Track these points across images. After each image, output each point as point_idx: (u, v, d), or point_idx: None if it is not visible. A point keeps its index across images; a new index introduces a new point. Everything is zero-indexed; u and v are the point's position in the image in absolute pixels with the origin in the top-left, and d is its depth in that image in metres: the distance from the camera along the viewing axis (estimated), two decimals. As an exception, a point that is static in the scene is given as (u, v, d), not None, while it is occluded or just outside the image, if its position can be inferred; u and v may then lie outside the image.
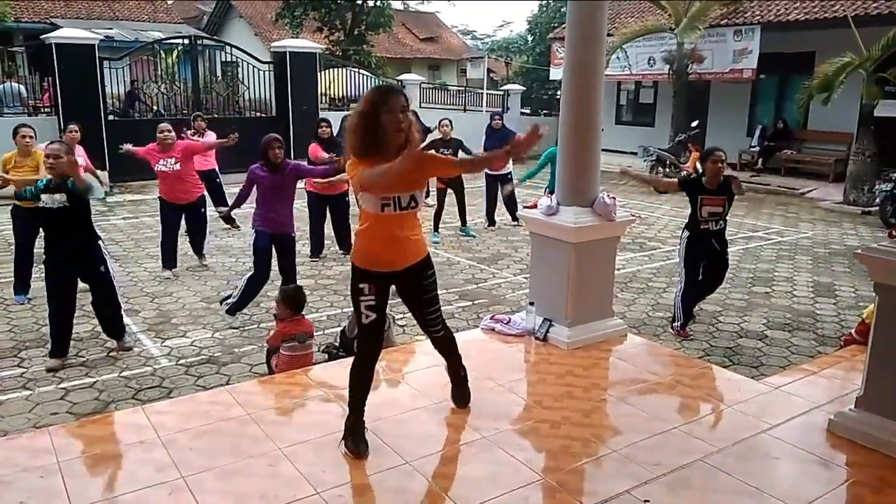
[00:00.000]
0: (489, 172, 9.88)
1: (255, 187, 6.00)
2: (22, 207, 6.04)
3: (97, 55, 12.89)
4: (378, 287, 3.17)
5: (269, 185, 5.88)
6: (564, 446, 3.34)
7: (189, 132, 9.31)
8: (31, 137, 6.39)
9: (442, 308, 3.54)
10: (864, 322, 4.93)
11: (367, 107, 2.96)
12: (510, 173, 10.02)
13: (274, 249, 6.04)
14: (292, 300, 4.86)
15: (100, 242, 5.24)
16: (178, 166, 7.23)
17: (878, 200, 11.19)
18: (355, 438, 3.23)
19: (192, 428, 3.45)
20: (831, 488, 3.04)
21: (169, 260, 7.51)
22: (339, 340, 5.02)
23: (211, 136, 9.26)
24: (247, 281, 6.01)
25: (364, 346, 3.29)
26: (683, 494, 2.96)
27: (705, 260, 5.77)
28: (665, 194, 13.80)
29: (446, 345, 3.58)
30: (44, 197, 4.88)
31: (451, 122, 9.50)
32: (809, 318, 6.42)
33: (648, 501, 2.88)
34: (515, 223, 10.04)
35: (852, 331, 5.24)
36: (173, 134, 7.31)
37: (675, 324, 5.87)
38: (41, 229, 5.17)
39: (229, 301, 6.07)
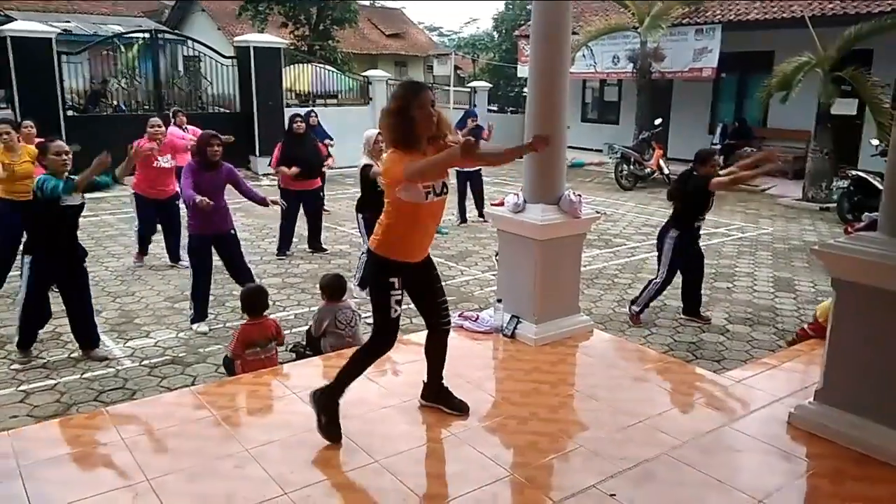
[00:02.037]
0: (459, 169, 9.90)
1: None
2: (18, 204, 5.90)
3: (55, 49, 12.57)
4: (404, 280, 3.28)
5: (204, 185, 5.62)
6: (532, 442, 3.37)
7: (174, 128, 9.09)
8: (7, 134, 6.22)
9: (410, 305, 3.54)
10: (817, 319, 5.06)
11: (399, 105, 3.12)
12: (480, 170, 10.06)
13: (217, 252, 5.86)
14: (245, 302, 4.71)
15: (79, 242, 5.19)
16: (173, 162, 7.24)
17: (835, 197, 11.47)
18: (330, 420, 3.28)
19: (157, 430, 3.40)
20: (792, 479, 3.12)
21: (143, 249, 7.60)
22: (305, 339, 4.98)
23: (194, 132, 9.14)
24: (192, 287, 5.86)
25: (387, 338, 3.31)
26: (649, 488, 3.01)
27: (688, 256, 5.97)
28: (630, 191, 14.01)
29: (445, 342, 3.57)
30: (68, 196, 4.76)
31: None
32: (770, 313, 6.56)
33: (615, 495, 2.93)
34: (482, 220, 10.07)
35: (805, 325, 5.38)
36: (163, 129, 7.23)
37: (635, 307, 6.04)
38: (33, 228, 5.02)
39: (191, 314, 5.92)
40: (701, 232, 6.05)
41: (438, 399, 3.65)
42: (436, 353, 3.60)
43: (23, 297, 4.98)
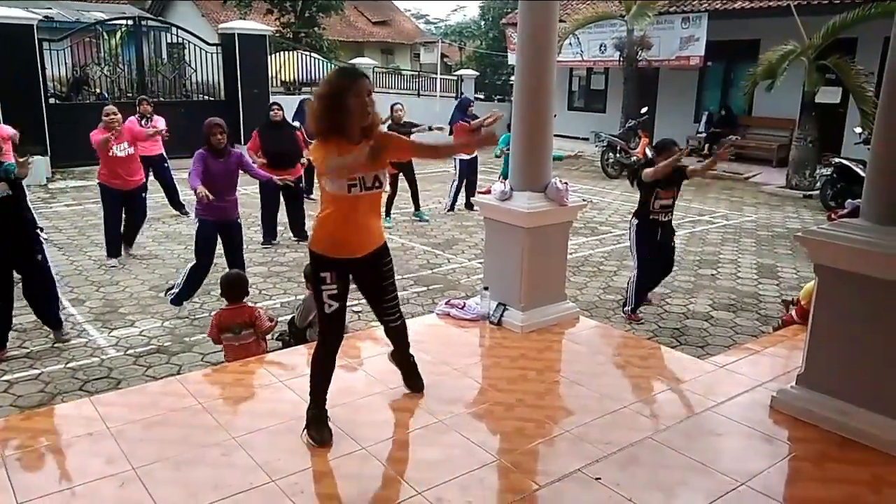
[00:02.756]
0: (461, 157, 9.91)
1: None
2: None
3: (36, 36, 12.39)
4: (340, 275, 3.16)
5: (213, 172, 5.74)
6: (518, 428, 3.39)
7: (136, 117, 8.97)
8: None
9: (399, 305, 3.55)
10: (800, 304, 5.11)
11: (333, 90, 2.97)
12: (476, 158, 10.11)
13: (220, 238, 5.93)
14: (225, 287, 4.69)
15: (38, 230, 5.07)
16: (131, 150, 7.09)
17: (818, 184, 11.57)
18: (318, 426, 3.21)
19: (143, 419, 3.39)
20: (774, 462, 3.16)
21: (114, 247, 7.31)
22: (289, 329, 4.97)
23: (159, 122, 9.01)
24: (189, 271, 5.87)
25: (327, 335, 3.26)
26: (633, 471, 3.04)
27: (654, 248, 5.87)
28: (616, 179, 14.06)
29: (399, 334, 3.58)
30: None
31: (403, 106, 9.47)
32: (753, 299, 6.62)
33: (600, 479, 2.95)
34: (469, 208, 10.08)
35: (791, 312, 5.42)
36: (119, 117, 7.08)
37: (626, 308, 5.99)
38: None
39: (173, 291, 5.93)
40: (663, 221, 5.76)
41: (401, 367, 3.69)
42: (393, 339, 3.62)
43: None
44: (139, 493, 2.80)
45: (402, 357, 3.68)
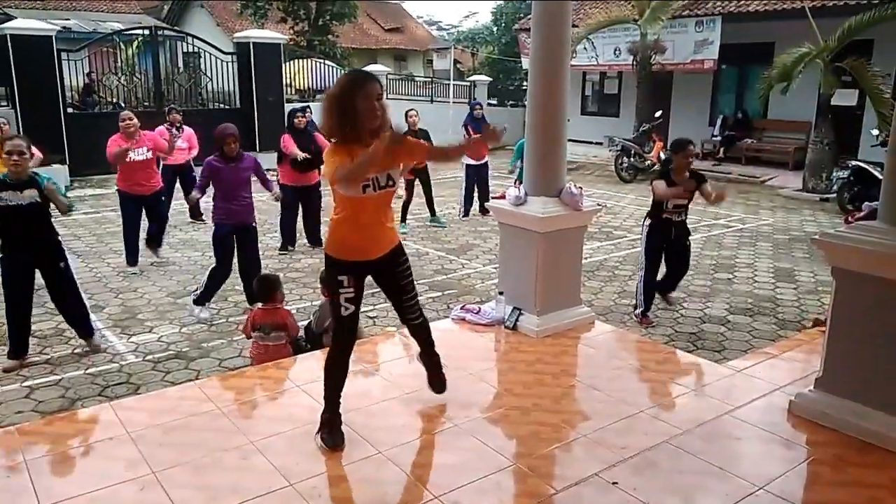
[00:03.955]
0: (469, 162, 9.95)
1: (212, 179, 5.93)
2: None
3: (55, 46, 12.56)
4: (357, 278, 3.20)
5: (226, 178, 5.81)
6: (535, 432, 3.39)
7: (166, 126, 9.02)
8: (5, 125, 6.22)
9: (420, 304, 3.57)
10: None
11: (343, 92, 2.99)
12: (487, 163, 10.14)
13: (236, 242, 5.99)
14: (257, 287, 4.88)
15: (59, 239, 5.14)
16: (149, 154, 7.17)
17: (835, 188, 11.47)
18: (332, 431, 3.24)
19: (162, 423, 3.42)
20: (792, 467, 3.14)
21: (132, 255, 7.39)
22: (305, 334, 5.00)
23: (188, 133, 9.13)
24: (210, 273, 5.96)
25: (342, 338, 3.28)
26: (650, 475, 3.04)
27: (667, 248, 5.86)
28: (630, 183, 14.02)
29: (422, 332, 3.59)
30: (6, 195, 4.69)
31: (417, 112, 9.51)
32: (770, 303, 6.58)
33: (616, 483, 2.95)
34: (484, 213, 10.09)
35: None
36: (136, 121, 7.15)
37: (637, 311, 5.98)
38: None
39: (197, 292, 6.01)
40: (677, 221, 5.75)
41: (427, 366, 3.68)
42: (416, 337, 3.62)
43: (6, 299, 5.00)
44: (159, 496, 2.84)
45: (428, 356, 3.67)
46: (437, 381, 3.69)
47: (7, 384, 4.72)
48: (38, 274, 5.07)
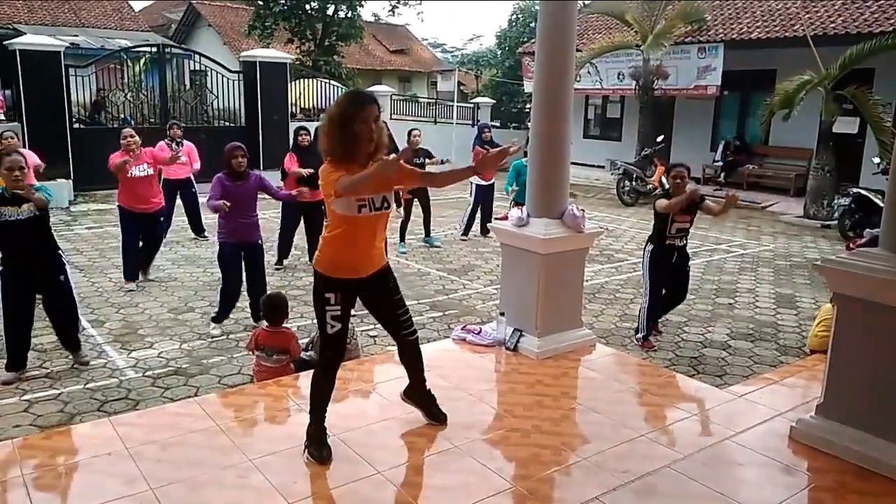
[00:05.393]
0: (479, 182, 10.00)
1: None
2: None
3: (63, 62, 12.68)
4: (344, 296, 3.20)
5: (232, 195, 5.81)
6: (534, 454, 3.38)
7: (166, 141, 9.09)
8: (12, 139, 6.28)
9: (412, 318, 3.55)
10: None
11: (341, 112, 3.04)
12: (493, 185, 10.20)
13: (243, 260, 6.01)
14: (263, 307, 4.82)
15: (59, 252, 5.15)
16: (150, 171, 7.18)
17: (836, 214, 11.49)
18: (318, 445, 3.25)
19: (160, 439, 3.41)
20: (793, 493, 3.12)
21: (131, 271, 7.38)
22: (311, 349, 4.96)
23: (188, 147, 9.18)
24: (220, 295, 6.05)
25: (328, 354, 3.30)
26: (651, 501, 3.02)
27: (668, 273, 5.86)
28: (632, 207, 14.06)
29: (416, 353, 3.55)
30: (6, 210, 4.72)
31: (420, 131, 9.59)
32: (771, 329, 6.57)
33: (617, 508, 2.93)
34: (485, 234, 10.12)
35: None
36: (137, 139, 7.17)
37: (639, 335, 5.96)
38: None
39: (215, 311, 6.11)
40: (679, 246, 5.76)
41: (420, 403, 3.64)
42: (409, 362, 3.57)
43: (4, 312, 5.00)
44: (156, 513, 2.82)
45: (419, 387, 3.62)
46: (436, 411, 3.64)
47: (6, 398, 4.70)
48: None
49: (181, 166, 8.79)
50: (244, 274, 6.10)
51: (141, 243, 7.45)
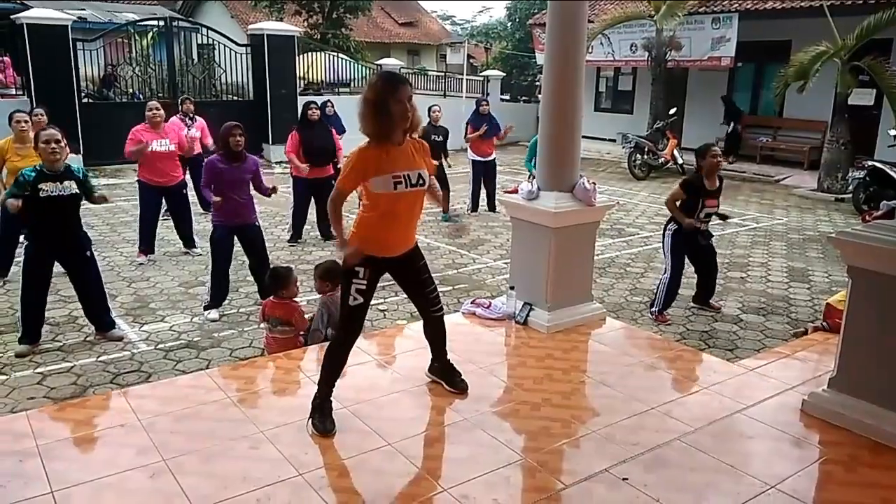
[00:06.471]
0: (476, 158, 9.98)
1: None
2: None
3: (70, 36, 12.62)
4: (373, 272, 3.26)
5: (227, 178, 5.67)
6: (544, 427, 3.38)
7: (178, 116, 9.06)
8: (26, 122, 6.28)
9: (440, 295, 3.59)
10: (830, 306, 5.05)
11: (377, 95, 3.11)
12: (495, 160, 10.14)
13: (241, 242, 5.91)
14: (269, 279, 4.79)
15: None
16: (173, 147, 7.18)
17: (851, 188, 11.37)
18: (322, 416, 3.28)
19: (173, 411, 3.44)
20: (804, 466, 3.12)
21: (148, 245, 7.40)
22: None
23: (200, 123, 9.17)
24: (210, 277, 5.89)
25: (347, 327, 3.33)
26: (661, 472, 3.02)
27: (692, 253, 5.86)
28: (643, 181, 13.95)
29: (440, 327, 3.65)
30: (47, 186, 4.73)
31: (440, 108, 9.56)
32: (783, 303, 6.53)
33: (627, 479, 2.94)
34: (492, 212, 10.11)
35: (820, 321, 5.27)
36: (162, 112, 7.18)
37: (654, 308, 5.94)
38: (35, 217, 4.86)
39: (206, 299, 5.96)
40: (707, 226, 5.88)
41: (442, 375, 3.74)
42: (434, 337, 3.69)
43: (20, 285, 5.04)
44: (170, 484, 2.85)
45: (441, 360, 3.73)
46: (458, 378, 3.71)
47: (20, 370, 4.75)
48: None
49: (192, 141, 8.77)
50: (246, 256, 6.04)
51: (172, 221, 7.58)
